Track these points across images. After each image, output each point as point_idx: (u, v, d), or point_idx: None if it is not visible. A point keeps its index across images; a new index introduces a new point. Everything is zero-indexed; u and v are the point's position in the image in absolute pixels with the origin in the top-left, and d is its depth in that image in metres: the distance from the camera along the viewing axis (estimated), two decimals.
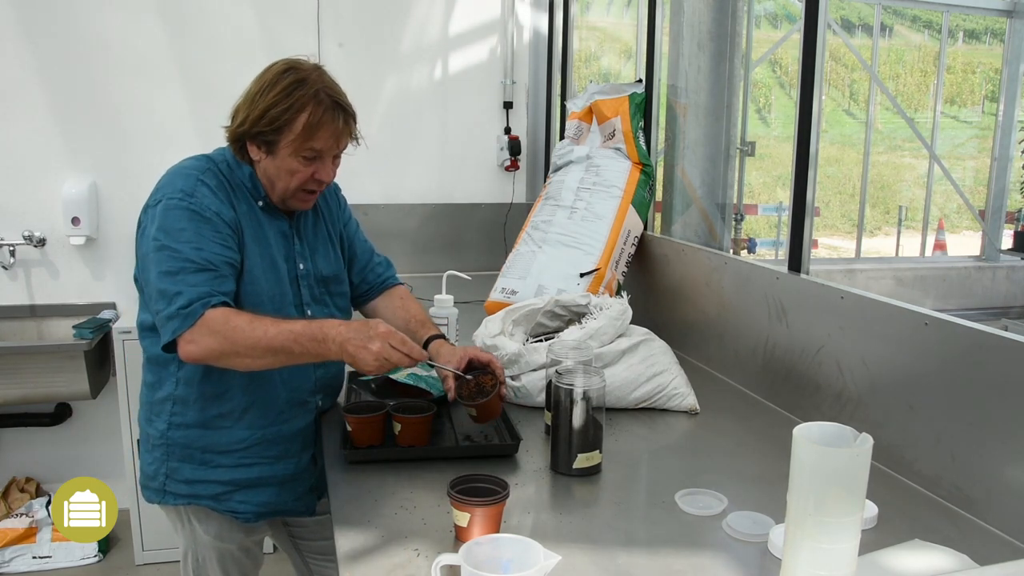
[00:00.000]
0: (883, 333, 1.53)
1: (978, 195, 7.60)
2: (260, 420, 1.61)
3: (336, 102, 1.54)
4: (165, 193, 1.52)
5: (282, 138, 1.52)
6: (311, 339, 1.41)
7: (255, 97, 1.52)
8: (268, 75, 1.54)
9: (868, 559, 1.12)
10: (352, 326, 1.43)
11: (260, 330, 1.40)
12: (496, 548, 1.07)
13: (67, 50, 3.08)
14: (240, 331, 1.40)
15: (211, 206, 1.51)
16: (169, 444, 1.61)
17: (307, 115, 1.51)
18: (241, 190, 1.59)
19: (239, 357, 1.43)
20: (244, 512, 1.65)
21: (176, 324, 1.41)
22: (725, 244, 2.58)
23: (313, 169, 1.57)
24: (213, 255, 1.47)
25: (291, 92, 1.50)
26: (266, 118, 1.50)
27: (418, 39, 3.44)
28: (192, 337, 1.41)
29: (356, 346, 1.40)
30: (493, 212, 3.50)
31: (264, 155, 1.55)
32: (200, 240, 1.47)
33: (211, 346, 1.41)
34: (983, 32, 13.19)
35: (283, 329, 1.41)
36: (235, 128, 1.55)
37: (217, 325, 1.40)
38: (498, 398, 1.54)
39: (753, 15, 5.19)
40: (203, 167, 1.57)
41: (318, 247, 1.73)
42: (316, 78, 1.54)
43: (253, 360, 1.43)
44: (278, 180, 1.57)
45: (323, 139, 1.54)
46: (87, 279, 3.23)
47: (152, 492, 1.65)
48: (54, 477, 3.26)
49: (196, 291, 1.42)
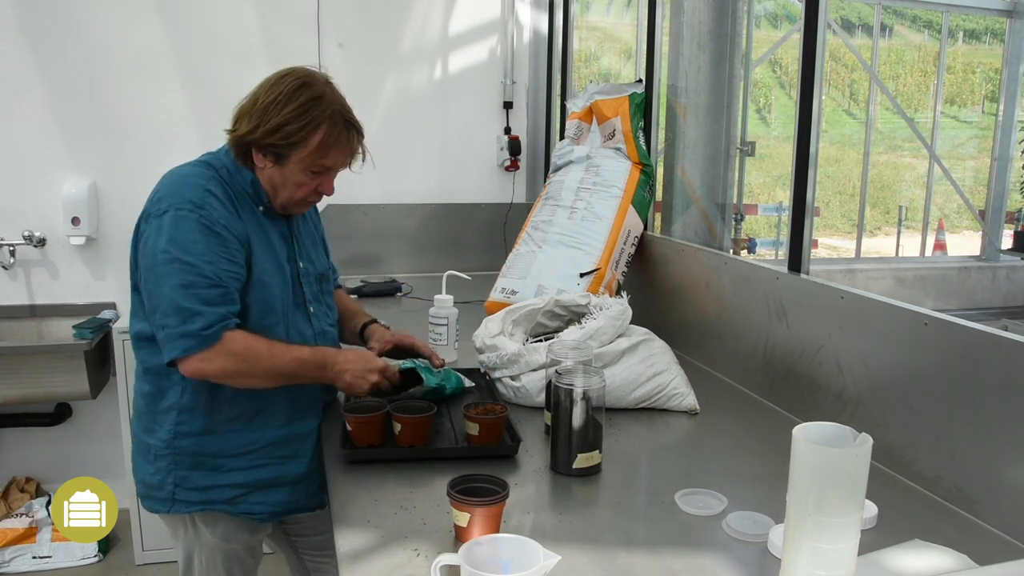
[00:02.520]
0: (883, 333, 1.53)
1: (978, 195, 7.60)
2: (271, 422, 1.62)
3: (349, 121, 1.56)
4: (172, 203, 1.50)
5: (294, 153, 1.53)
6: (315, 366, 1.56)
7: (268, 108, 1.51)
8: (283, 87, 1.52)
9: (868, 559, 1.12)
10: (350, 357, 1.58)
11: (277, 357, 1.51)
12: (496, 548, 1.07)
13: (67, 50, 3.08)
14: (259, 357, 1.50)
15: (221, 219, 1.51)
16: (176, 453, 1.59)
17: (323, 134, 1.52)
18: (243, 196, 1.59)
19: (249, 378, 1.52)
20: (260, 513, 1.65)
21: (191, 343, 1.45)
22: (725, 244, 2.57)
23: (318, 182, 1.59)
24: (223, 271, 1.48)
25: (308, 109, 1.51)
26: (280, 132, 1.51)
27: (418, 39, 3.44)
28: (207, 356, 1.46)
29: (354, 375, 1.57)
30: (493, 212, 3.50)
31: (271, 164, 1.56)
32: (211, 255, 1.48)
33: (225, 366, 1.48)
34: (983, 32, 13.19)
35: (295, 356, 1.53)
36: (242, 135, 1.53)
37: (237, 348, 1.48)
38: (499, 423, 1.53)
39: (753, 15, 5.18)
40: (207, 175, 1.56)
41: (310, 246, 1.76)
42: (331, 95, 1.55)
43: (261, 381, 1.54)
44: (283, 189, 1.58)
45: (334, 157, 1.57)
46: (87, 279, 3.23)
47: (158, 502, 1.63)
48: (54, 477, 3.25)
49: (215, 312, 1.46)
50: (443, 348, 2.07)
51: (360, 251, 3.36)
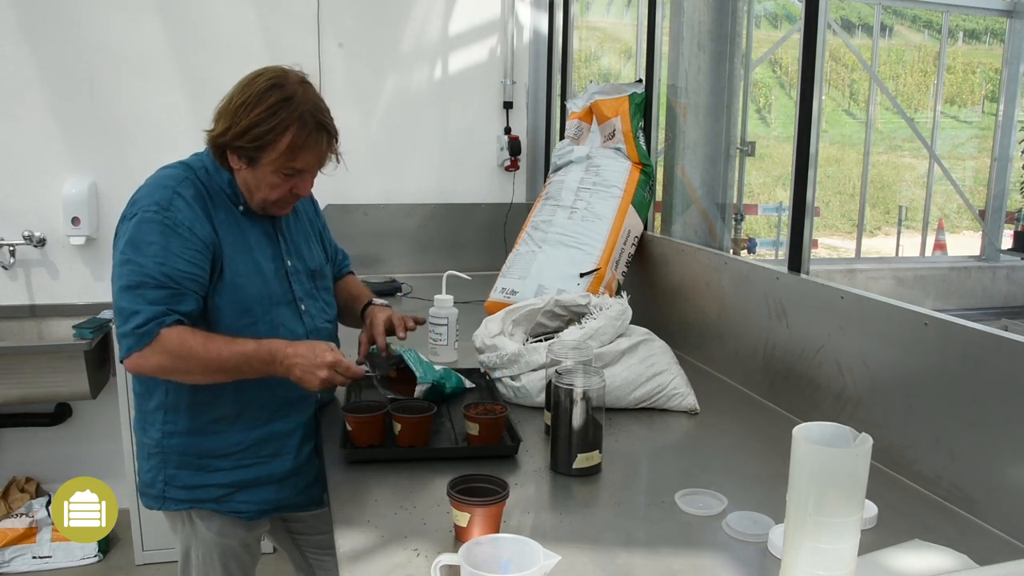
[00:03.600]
0: (883, 333, 1.53)
1: (978, 195, 7.60)
2: (254, 422, 1.62)
3: (320, 123, 1.54)
4: (141, 206, 1.52)
5: (264, 156, 1.52)
6: (260, 361, 1.50)
7: (239, 109, 1.51)
8: (253, 88, 1.52)
9: (868, 559, 1.12)
10: (299, 350, 1.50)
11: (214, 351, 1.47)
12: (496, 548, 1.07)
13: (67, 50, 3.08)
14: (193, 352, 1.46)
15: (185, 221, 1.51)
16: (165, 452, 1.61)
17: (291, 136, 1.51)
18: (220, 197, 1.59)
19: (189, 374, 1.50)
20: (247, 511, 1.66)
21: (131, 342, 1.46)
22: (725, 244, 2.57)
23: (292, 184, 1.58)
24: (176, 271, 1.48)
25: (276, 112, 1.49)
26: (249, 135, 1.50)
27: (418, 39, 3.44)
28: (144, 355, 1.46)
29: (303, 370, 1.49)
30: (493, 212, 3.50)
31: (244, 166, 1.55)
32: (166, 255, 1.48)
33: (160, 363, 1.47)
34: (983, 32, 13.20)
35: (236, 351, 1.48)
36: (216, 136, 1.54)
37: (171, 345, 1.46)
38: (499, 423, 1.53)
39: (753, 15, 5.19)
40: (180, 176, 1.57)
41: (301, 243, 1.74)
42: (301, 96, 1.52)
43: (203, 377, 1.51)
44: (257, 191, 1.58)
45: (305, 160, 1.55)
46: (87, 279, 3.23)
47: (151, 499, 1.65)
48: (54, 477, 3.25)
49: (152, 310, 1.45)
50: (443, 348, 2.07)
51: (360, 251, 3.35)
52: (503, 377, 1.80)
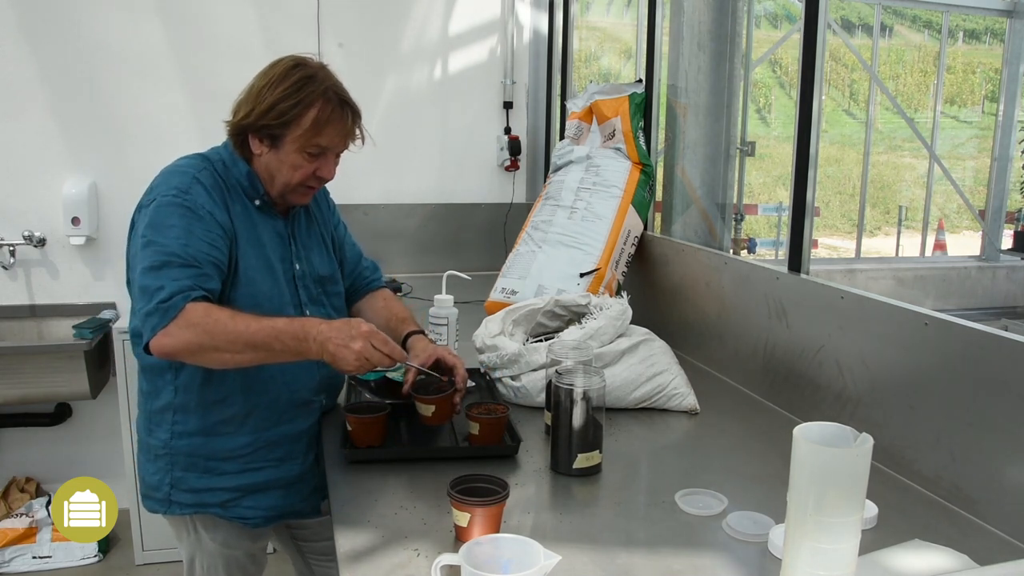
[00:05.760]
0: (883, 333, 1.53)
1: (978, 195, 7.60)
2: (263, 423, 1.60)
3: (343, 99, 1.55)
4: (159, 192, 1.50)
5: (289, 132, 1.52)
6: (292, 337, 1.38)
7: (262, 91, 1.52)
8: (277, 70, 1.53)
9: (868, 559, 1.12)
10: (334, 325, 1.40)
11: (242, 324, 1.37)
12: (496, 548, 1.07)
13: (67, 50, 3.08)
14: (221, 324, 1.36)
15: (205, 204, 1.50)
16: (173, 454, 1.59)
17: (316, 111, 1.51)
18: (236, 189, 1.58)
19: (217, 352, 1.38)
20: (253, 518, 1.63)
21: (156, 319, 1.37)
22: (725, 244, 2.57)
23: (316, 165, 1.56)
24: (199, 252, 1.45)
25: (301, 87, 1.50)
26: (274, 111, 1.50)
27: (418, 39, 3.44)
28: (169, 331, 1.36)
29: (337, 345, 1.36)
30: (493, 212, 3.50)
31: (267, 148, 1.55)
32: (188, 236, 1.45)
33: (188, 339, 1.36)
34: (983, 32, 13.20)
35: (264, 325, 1.38)
36: (239, 121, 1.54)
37: (197, 318, 1.36)
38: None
39: (753, 15, 5.19)
40: (199, 165, 1.56)
41: (312, 248, 1.72)
42: (324, 75, 1.54)
43: (232, 355, 1.39)
44: (279, 174, 1.56)
45: (330, 136, 1.54)
46: (87, 279, 3.23)
47: (156, 503, 1.62)
48: (54, 477, 3.25)
49: (178, 284, 1.39)
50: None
51: None
52: (503, 377, 1.80)
